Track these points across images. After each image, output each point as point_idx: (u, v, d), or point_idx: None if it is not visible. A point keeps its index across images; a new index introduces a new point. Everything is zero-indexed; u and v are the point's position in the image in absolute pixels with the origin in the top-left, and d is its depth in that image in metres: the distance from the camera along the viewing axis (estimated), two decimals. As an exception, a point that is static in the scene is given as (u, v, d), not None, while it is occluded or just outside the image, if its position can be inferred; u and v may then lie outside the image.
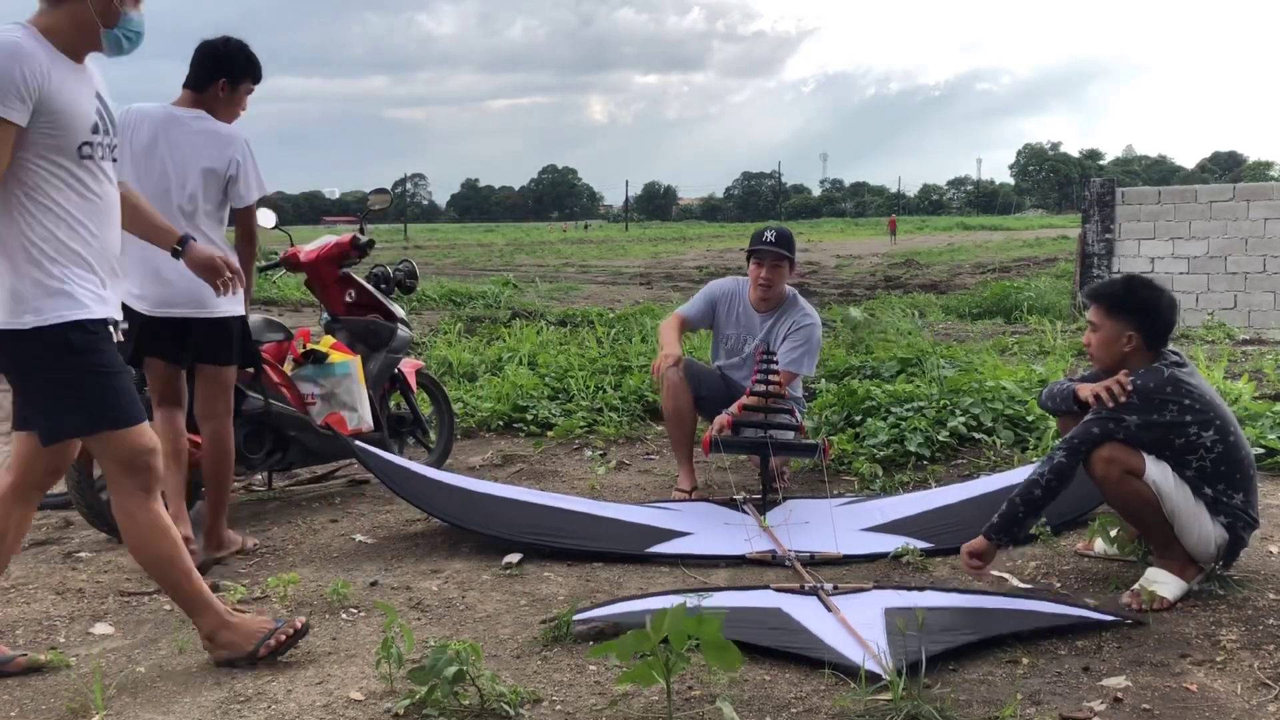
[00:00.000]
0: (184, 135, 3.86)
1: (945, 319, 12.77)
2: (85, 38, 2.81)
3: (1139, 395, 3.28)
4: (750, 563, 3.85)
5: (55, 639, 3.26)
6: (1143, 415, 3.27)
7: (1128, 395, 3.28)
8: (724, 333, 5.08)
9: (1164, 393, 3.27)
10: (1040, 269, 23.26)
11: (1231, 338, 10.09)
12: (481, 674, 2.59)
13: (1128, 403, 3.27)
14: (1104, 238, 13.38)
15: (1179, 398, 3.28)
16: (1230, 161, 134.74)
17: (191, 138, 3.85)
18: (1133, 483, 3.26)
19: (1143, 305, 3.41)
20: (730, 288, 5.13)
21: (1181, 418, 3.27)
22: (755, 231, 5.12)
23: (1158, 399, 3.27)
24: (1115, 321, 3.41)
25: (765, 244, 4.93)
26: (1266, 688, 2.68)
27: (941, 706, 2.49)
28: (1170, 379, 3.31)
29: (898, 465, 5.13)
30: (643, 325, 9.96)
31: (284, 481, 5.26)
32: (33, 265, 2.70)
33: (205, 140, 3.85)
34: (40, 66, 2.66)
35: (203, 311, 3.84)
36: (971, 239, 46.48)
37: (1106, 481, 3.32)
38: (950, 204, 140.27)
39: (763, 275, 4.92)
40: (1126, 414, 3.28)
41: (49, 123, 2.69)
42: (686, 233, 68.37)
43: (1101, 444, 3.29)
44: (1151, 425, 3.27)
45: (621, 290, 19.56)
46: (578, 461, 5.65)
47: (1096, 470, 3.32)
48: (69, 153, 2.74)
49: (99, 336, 2.78)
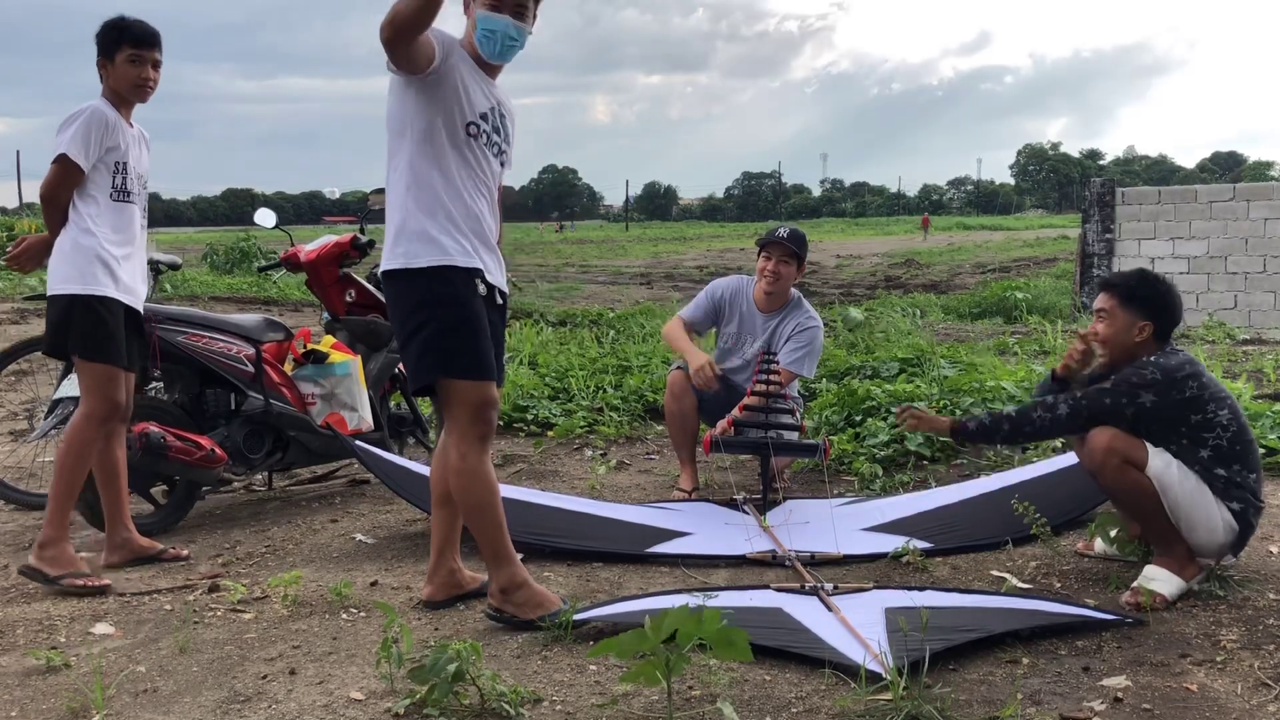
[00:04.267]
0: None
1: (945, 319, 12.77)
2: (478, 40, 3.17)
3: (1160, 371, 3.28)
4: (750, 563, 3.85)
5: (55, 639, 3.26)
6: (1161, 394, 3.27)
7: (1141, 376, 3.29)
8: (725, 330, 5.07)
9: (1184, 369, 3.29)
10: (1040, 269, 23.25)
11: (1231, 338, 10.08)
12: (481, 674, 2.59)
13: (1149, 380, 3.28)
14: (1104, 238, 13.38)
15: (1198, 376, 3.30)
16: (1230, 161, 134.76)
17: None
18: (1131, 473, 3.26)
19: (1158, 297, 3.45)
20: (734, 285, 5.12)
21: (1200, 394, 3.29)
22: (768, 231, 5.18)
23: (1179, 376, 3.28)
24: (1129, 312, 3.43)
25: (777, 238, 4.96)
26: (1266, 688, 2.68)
27: (942, 706, 2.49)
28: (1189, 358, 3.34)
29: (898, 465, 5.13)
30: (643, 325, 9.96)
31: (284, 481, 5.26)
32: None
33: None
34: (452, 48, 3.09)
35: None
36: (971, 239, 46.47)
37: (1104, 470, 3.31)
38: (950, 204, 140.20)
39: (770, 266, 4.91)
40: (1144, 390, 3.28)
41: (440, 100, 3.06)
42: (686, 233, 68.31)
43: (1106, 420, 3.31)
44: (1169, 404, 3.28)
45: (622, 290, 19.56)
46: (578, 461, 5.65)
47: (1095, 458, 3.32)
48: (454, 132, 3.10)
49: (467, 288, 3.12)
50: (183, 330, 4.57)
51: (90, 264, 3.76)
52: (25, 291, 13.66)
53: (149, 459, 4.22)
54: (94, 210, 3.79)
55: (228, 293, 15.31)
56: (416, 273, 3.04)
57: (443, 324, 3.03)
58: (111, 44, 3.85)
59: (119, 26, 3.86)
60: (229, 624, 3.35)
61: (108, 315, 3.79)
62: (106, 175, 3.81)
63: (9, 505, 4.87)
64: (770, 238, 5.01)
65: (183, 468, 4.36)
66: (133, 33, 3.86)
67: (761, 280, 4.96)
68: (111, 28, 3.86)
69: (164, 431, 4.27)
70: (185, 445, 4.32)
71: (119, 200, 3.86)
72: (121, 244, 3.86)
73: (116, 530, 3.99)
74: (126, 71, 3.85)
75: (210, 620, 3.39)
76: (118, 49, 3.85)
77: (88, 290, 3.75)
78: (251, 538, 4.33)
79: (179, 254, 5.71)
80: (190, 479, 4.47)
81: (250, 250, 23.59)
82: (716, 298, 5.08)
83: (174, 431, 4.33)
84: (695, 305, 5.15)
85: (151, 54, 3.89)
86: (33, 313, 11.56)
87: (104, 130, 3.78)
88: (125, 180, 3.88)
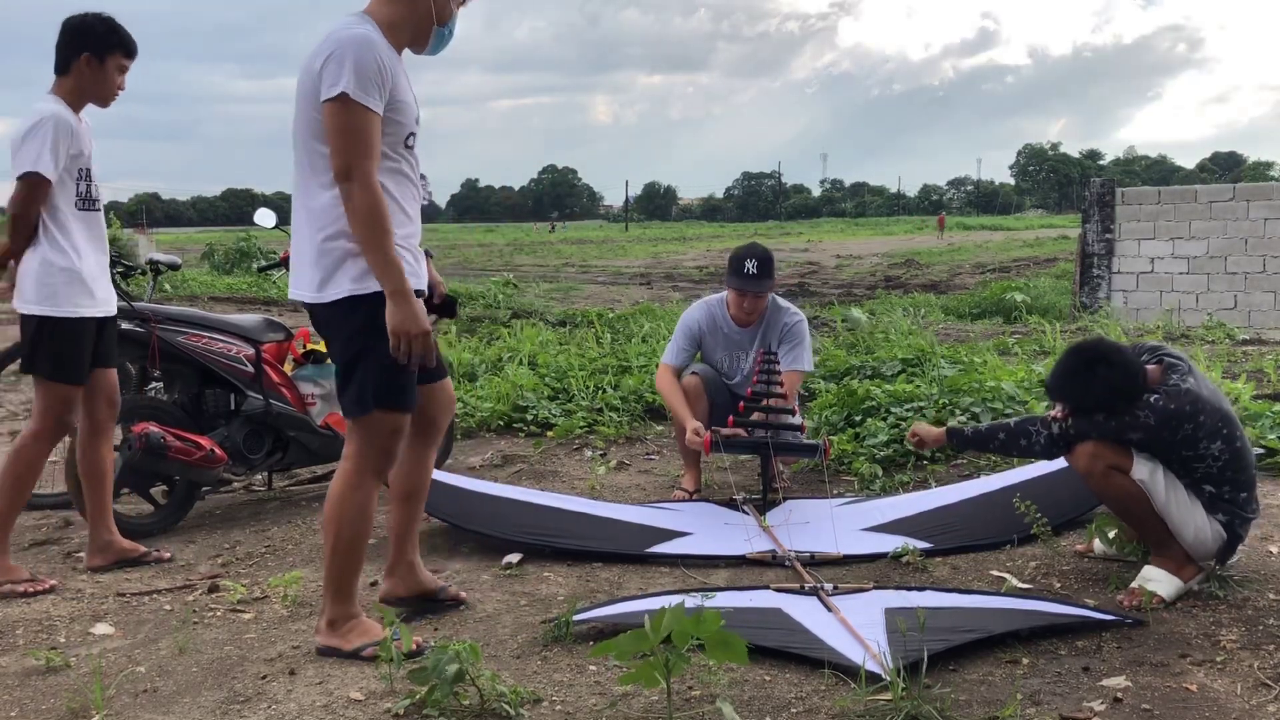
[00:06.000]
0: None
1: (945, 319, 12.76)
2: (418, 33, 2.96)
3: (1156, 417, 3.22)
4: (750, 563, 3.84)
5: (55, 639, 3.26)
6: (1153, 434, 3.24)
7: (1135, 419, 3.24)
8: (714, 357, 4.97)
9: (1183, 412, 3.21)
10: (1040, 269, 23.24)
11: (1231, 338, 10.07)
12: (481, 674, 2.59)
13: (1142, 423, 3.23)
14: (1104, 238, 13.37)
15: (1195, 415, 3.22)
16: (1230, 161, 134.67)
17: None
18: (1117, 478, 3.26)
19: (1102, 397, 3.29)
20: (706, 313, 4.96)
21: (1195, 434, 3.24)
22: (734, 256, 4.85)
23: (1173, 423, 3.22)
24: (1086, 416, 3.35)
25: (748, 276, 4.73)
26: (1266, 688, 2.68)
27: (941, 706, 2.49)
28: (1189, 397, 3.23)
29: (898, 465, 5.13)
30: (643, 326, 9.96)
31: (284, 481, 5.26)
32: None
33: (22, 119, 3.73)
34: (388, 59, 2.82)
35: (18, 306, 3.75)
36: (971, 239, 46.45)
37: (1091, 476, 3.33)
38: (950, 204, 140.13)
39: (745, 304, 4.81)
40: (1132, 433, 3.26)
41: (391, 114, 2.83)
42: (686, 233, 68.33)
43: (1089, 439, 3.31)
44: (1159, 441, 3.26)
45: (622, 290, 19.56)
46: (578, 461, 5.65)
47: (1081, 464, 3.33)
48: (398, 142, 2.89)
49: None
50: (182, 330, 4.57)
51: (64, 284, 3.67)
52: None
53: (149, 459, 4.22)
54: (62, 224, 3.69)
55: (227, 293, 15.32)
56: (362, 299, 2.85)
57: (382, 353, 2.85)
58: (106, 46, 3.75)
59: (117, 31, 3.78)
60: (229, 624, 3.35)
61: (80, 335, 3.74)
62: (70, 184, 3.71)
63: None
64: (740, 278, 4.74)
65: (183, 468, 4.36)
66: (128, 43, 3.80)
67: (738, 310, 4.85)
68: (111, 31, 3.76)
69: (164, 431, 4.28)
70: (185, 445, 4.32)
71: (85, 209, 3.77)
72: (95, 254, 3.78)
73: (99, 533, 3.97)
74: (111, 78, 3.78)
75: (210, 620, 3.39)
76: (110, 53, 3.75)
77: (61, 312, 3.68)
78: (251, 538, 4.33)
79: (179, 254, 5.72)
80: (190, 479, 4.47)
81: (250, 250, 23.62)
82: (695, 332, 4.95)
83: (174, 431, 4.33)
84: (676, 348, 4.95)
85: (130, 65, 3.84)
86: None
87: (70, 138, 3.67)
88: (90, 187, 3.79)
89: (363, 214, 2.76)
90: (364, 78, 2.74)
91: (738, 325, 4.91)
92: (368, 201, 2.76)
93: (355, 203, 2.76)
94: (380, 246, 2.77)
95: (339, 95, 2.73)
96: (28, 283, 3.68)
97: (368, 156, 2.77)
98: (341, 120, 2.75)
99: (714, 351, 4.97)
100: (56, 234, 3.68)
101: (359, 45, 2.77)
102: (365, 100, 2.75)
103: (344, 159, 2.75)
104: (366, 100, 2.75)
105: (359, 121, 2.75)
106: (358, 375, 2.89)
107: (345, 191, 2.77)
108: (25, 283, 3.68)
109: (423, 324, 2.83)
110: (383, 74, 2.78)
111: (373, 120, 2.77)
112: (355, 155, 2.75)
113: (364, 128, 2.76)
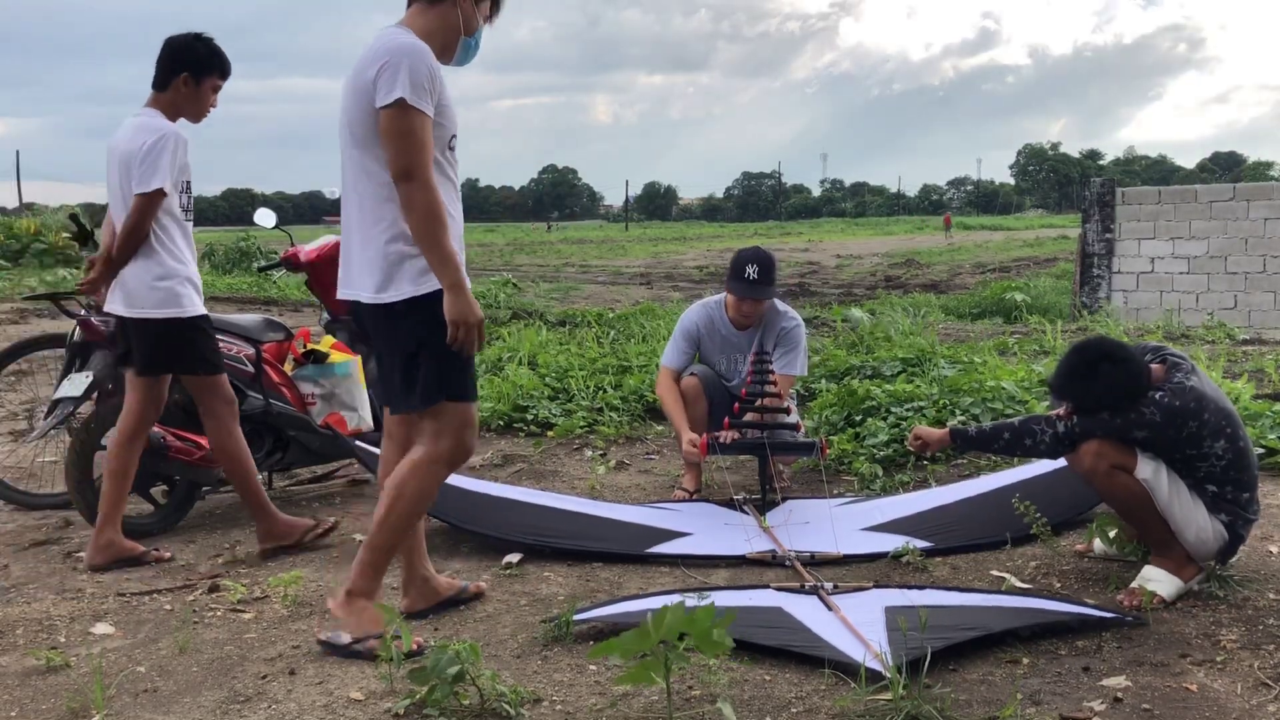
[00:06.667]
0: (123, 130, 3.91)
1: (945, 319, 12.76)
2: (446, 44, 3.07)
3: (1161, 414, 3.21)
4: (750, 563, 3.85)
5: (55, 639, 3.26)
6: (1157, 432, 3.24)
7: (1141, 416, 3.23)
8: (713, 359, 4.97)
9: (1188, 409, 3.21)
10: (1040, 269, 23.25)
11: (1231, 338, 10.07)
12: (481, 674, 2.59)
13: (1147, 421, 3.22)
14: (1104, 238, 13.38)
15: (1200, 413, 3.22)
16: (1230, 161, 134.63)
17: (126, 130, 3.89)
18: (1121, 477, 3.26)
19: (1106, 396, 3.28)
20: (704, 315, 4.96)
21: (1199, 432, 3.23)
22: (735, 260, 4.83)
23: (1179, 420, 3.22)
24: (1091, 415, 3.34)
25: (749, 282, 4.73)
26: (1266, 688, 2.68)
27: (941, 706, 2.50)
28: (1194, 394, 3.23)
29: (898, 465, 5.13)
30: (643, 325, 9.96)
31: (284, 481, 5.26)
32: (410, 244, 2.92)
33: (134, 131, 3.85)
34: (436, 65, 2.94)
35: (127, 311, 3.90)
36: (971, 239, 46.44)
37: (1095, 475, 3.32)
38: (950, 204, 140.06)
39: (744, 308, 4.81)
40: (1138, 431, 3.25)
41: (437, 117, 2.93)
42: (686, 233, 68.26)
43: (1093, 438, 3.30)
44: (1164, 439, 3.25)
45: (622, 290, 19.55)
46: (578, 461, 5.65)
47: (1085, 463, 3.32)
48: (443, 145, 2.99)
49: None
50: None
51: (184, 288, 3.89)
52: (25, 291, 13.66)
53: (149, 459, 4.22)
54: (173, 232, 3.89)
55: (228, 293, 15.30)
56: (422, 298, 2.95)
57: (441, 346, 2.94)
58: (207, 67, 3.94)
59: (217, 54, 3.96)
60: (229, 624, 3.35)
61: (207, 328, 3.98)
62: (176, 195, 3.90)
63: (9, 505, 4.87)
64: (741, 284, 4.73)
65: (183, 468, 4.36)
66: (225, 65, 3.99)
67: (736, 313, 4.85)
68: (212, 54, 3.94)
69: (164, 431, 4.28)
70: (185, 445, 4.32)
71: (188, 219, 3.99)
72: (193, 259, 4.00)
73: (105, 530, 3.97)
74: (207, 98, 3.99)
75: (210, 620, 3.39)
76: (208, 74, 3.95)
77: (186, 314, 3.89)
78: (251, 538, 4.33)
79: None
80: (190, 479, 4.47)
81: (250, 250, 23.59)
82: (693, 334, 4.95)
83: (174, 431, 4.33)
84: (675, 350, 4.95)
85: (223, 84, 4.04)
86: (33, 313, 11.57)
87: (184, 153, 3.88)
88: (189, 199, 3.99)
89: (422, 212, 2.86)
90: (417, 84, 2.86)
91: (736, 328, 4.91)
92: (427, 200, 2.86)
93: (415, 202, 2.86)
94: (439, 243, 2.87)
95: (396, 101, 2.84)
96: (146, 290, 3.83)
97: (425, 157, 2.88)
98: (400, 125, 2.85)
99: (712, 354, 4.97)
100: (167, 242, 3.88)
101: (412, 53, 2.88)
102: (420, 104, 2.86)
103: (403, 161, 2.86)
104: (421, 104, 2.86)
105: (415, 125, 2.86)
106: (421, 370, 2.99)
107: (405, 192, 2.87)
108: (143, 291, 3.83)
109: (479, 313, 2.93)
110: (433, 79, 2.90)
111: (427, 124, 2.89)
112: (414, 157, 2.86)
113: (420, 131, 2.87)
